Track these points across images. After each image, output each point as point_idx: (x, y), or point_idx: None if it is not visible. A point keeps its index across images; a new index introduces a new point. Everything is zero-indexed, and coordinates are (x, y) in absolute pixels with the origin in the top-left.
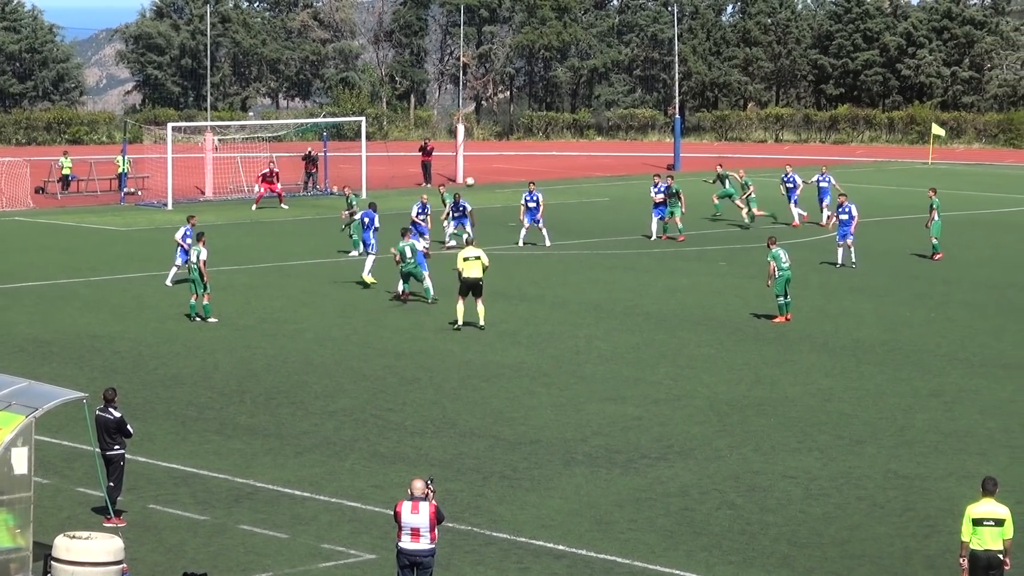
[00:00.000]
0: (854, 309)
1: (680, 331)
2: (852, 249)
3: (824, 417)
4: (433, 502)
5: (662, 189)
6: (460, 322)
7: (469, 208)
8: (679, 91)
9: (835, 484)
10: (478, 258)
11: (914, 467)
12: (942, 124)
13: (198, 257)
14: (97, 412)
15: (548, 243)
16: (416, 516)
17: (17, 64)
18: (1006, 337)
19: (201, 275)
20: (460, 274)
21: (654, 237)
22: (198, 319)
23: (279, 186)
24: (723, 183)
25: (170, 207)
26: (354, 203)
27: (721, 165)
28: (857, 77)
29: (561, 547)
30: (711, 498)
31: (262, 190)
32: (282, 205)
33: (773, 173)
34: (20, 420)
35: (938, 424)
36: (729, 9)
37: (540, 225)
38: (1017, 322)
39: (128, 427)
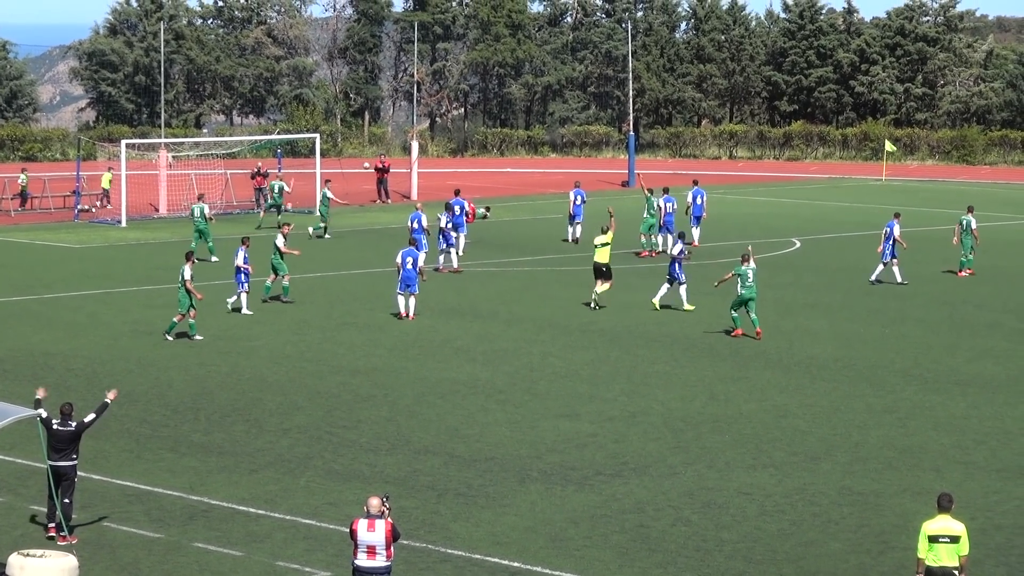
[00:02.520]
0: (808, 326)
1: (635, 348)
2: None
3: (779, 433)
4: (389, 520)
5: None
6: (593, 302)
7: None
8: (633, 108)
9: (790, 500)
10: (605, 245)
11: (868, 483)
12: (895, 141)
13: (182, 276)
14: (55, 426)
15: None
16: (372, 534)
17: None
18: (959, 353)
19: (189, 293)
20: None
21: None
22: (170, 338)
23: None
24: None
25: (124, 224)
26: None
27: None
28: (811, 94)
29: (516, 564)
30: (666, 515)
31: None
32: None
33: (729, 190)
34: None
35: (892, 440)
36: (683, 26)
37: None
38: (970, 338)
39: (86, 427)
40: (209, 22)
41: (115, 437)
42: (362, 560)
